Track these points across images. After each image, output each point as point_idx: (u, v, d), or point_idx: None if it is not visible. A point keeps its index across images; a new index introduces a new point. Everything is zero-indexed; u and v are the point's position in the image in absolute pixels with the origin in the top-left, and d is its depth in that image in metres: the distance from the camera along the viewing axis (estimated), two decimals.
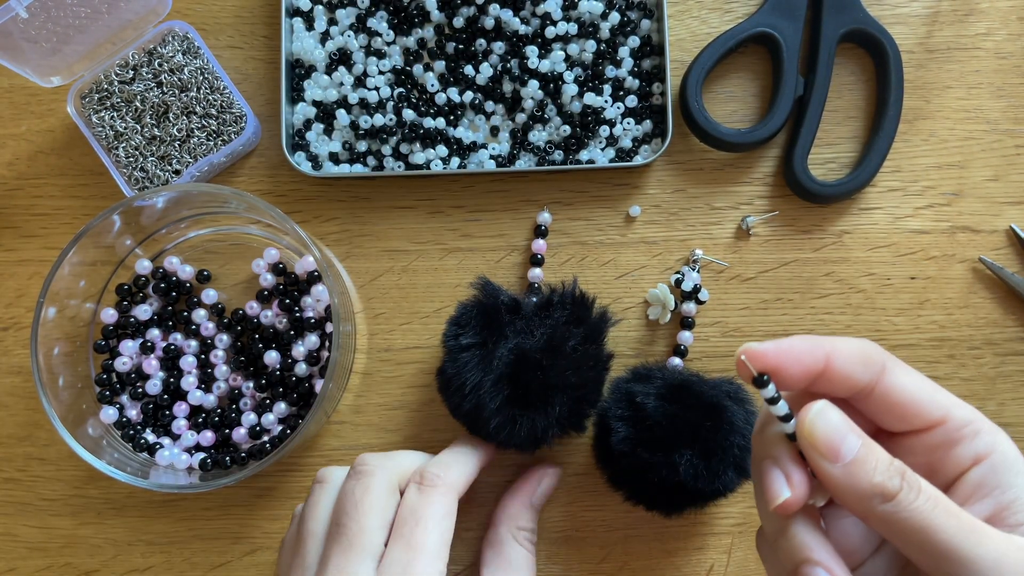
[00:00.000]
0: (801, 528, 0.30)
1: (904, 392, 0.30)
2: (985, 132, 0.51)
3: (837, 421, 0.28)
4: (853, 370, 0.30)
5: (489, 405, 0.41)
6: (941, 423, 0.30)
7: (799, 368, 0.29)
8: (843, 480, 0.28)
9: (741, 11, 0.52)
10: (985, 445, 0.29)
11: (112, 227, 0.47)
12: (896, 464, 0.28)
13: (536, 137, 0.50)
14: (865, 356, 0.30)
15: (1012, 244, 0.50)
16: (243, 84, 0.52)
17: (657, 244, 0.51)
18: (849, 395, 0.31)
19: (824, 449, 0.28)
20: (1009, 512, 0.29)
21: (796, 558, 0.29)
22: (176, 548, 0.49)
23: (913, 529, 0.27)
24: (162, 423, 0.49)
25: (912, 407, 0.30)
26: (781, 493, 0.29)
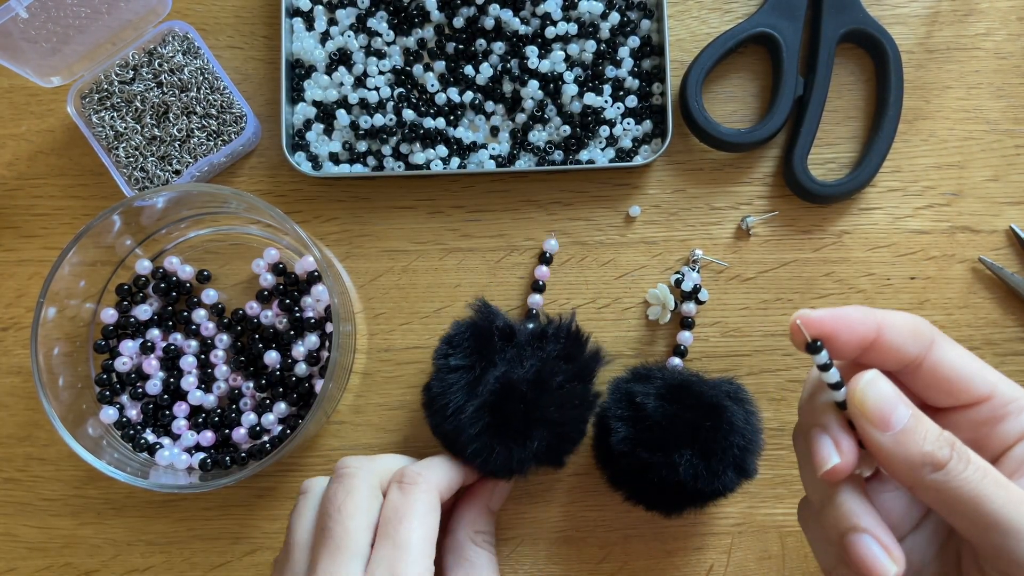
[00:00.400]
0: (848, 496, 0.30)
1: (952, 367, 0.30)
2: (985, 132, 0.51)
3: (887, 390, 0.29)
4: (904, 342, 0.30)
5: (468, 430, 0.41)
6: (987, 399, 0.30)
7: (852, 336, 0.30)
8: (893, 449, 0.28)
9: (741, 11, 0.52)
10: None
11: (112, 227, 0.47)
12: (946, 435, 0.28)
13: (536, 137, 0.50)
14: (915, 329, 0.30)
15: (1012, 244, 0.50)
16: (243, 84, 0.52)
17: (657, 244, 0.51)
18: (898, 368, 0.31)
19: (875, 417, 0.29)
20: None
21: (843, 526, 0.30)
22: (176, 548, 0.49)
23: (962, 499, 0.28)
24: (162, 423, 0.49)
25: (959, 382, 0.30)
26: (830, 459, 0.29)
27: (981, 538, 0.28)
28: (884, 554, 0.29)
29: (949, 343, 0.31)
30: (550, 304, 0.50)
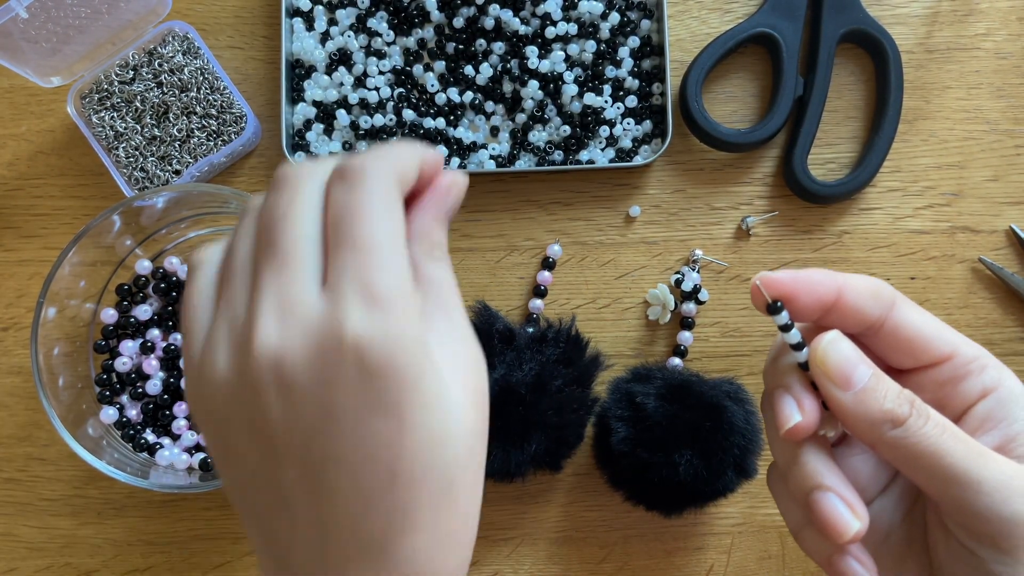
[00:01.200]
0: (812, 456, 0.30)
1: (913, 328, 0.30)
2: (985, 132, 0.51)
3: (848, 350, 0.29)
4: (864, 304, 0.30)
5: None
6: (949, 358, 0.30)
7: (812, 298, 0.30)
8: (854, 407, 0.29)
9: (741, 11, 0.52)
10: (991, 379, 0.30)
11: (112, 227, 0.47)
12: (905, 393, 0.29)
13: (536, 137, 0.50)
14: (876, 292, 0.30)
15: (1012, 244, 0.50)
16: (243, 84, 0.52)
17: (657, 244, 0.51)
18: (859, 330, 0.31)
19: (836, 376, 0.29)
20: (1016, 443, 0.29)
21: (807, 485, 0.30)
22: (176, 548, 0.49)
23: (922, 454, 0.28)
24: (162, 423, 0.49)
25: (921, 342, 0.31)
26: (792, 417, 0.30)
27: (941, 492, 0.29)
28: (848, 511, 0.29)
29: (910, 305, 0.31)
30: (550, 304, 0.50)
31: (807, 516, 0.31)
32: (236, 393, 0.25)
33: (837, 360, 0.29)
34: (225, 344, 0.26)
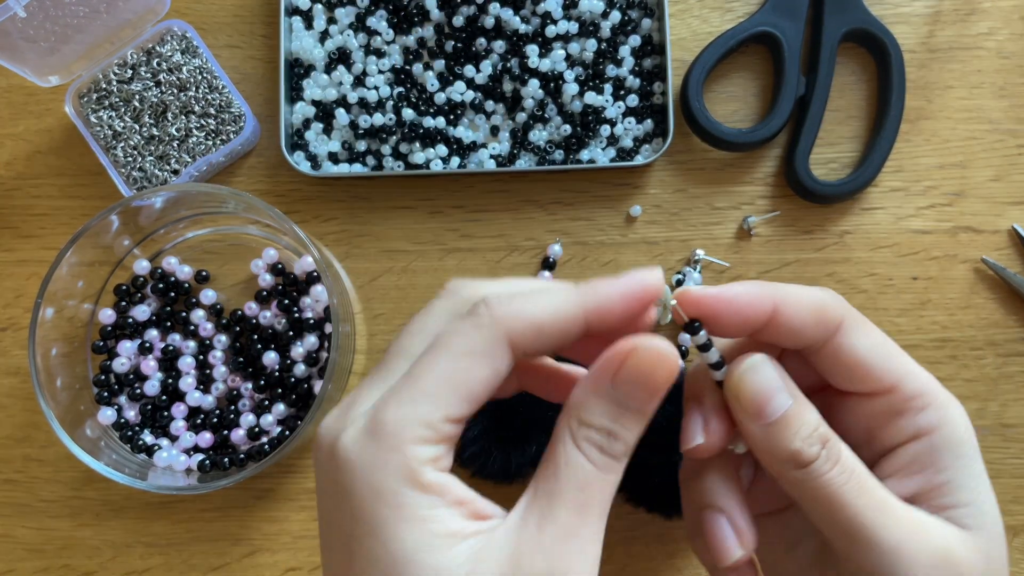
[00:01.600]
0: (714, 473, 0.30)
1: (854, 354, 0.29)
2: (987, 132, 0.51)
3: (767, 379, 0.28)
4: (802, 326, 0.28)
5: (466, 433, 0.41)
6: (889, 391, 0.29)
7: (736, 319, 0.28)
8: (761, 440, 0.28)
9: (742, 10, 0.52)
10: (929, 422, 0.28)
11: (110, 227, 0.46)
12: (820, 431, 0.28)
13: (536, 137, 0.50)
14: (819, 312, 0.28)
15: (1014, 244, 0.50)
16: (242, 83, 0.52)
17: (658, 244, 0.50)
18: (797, 348, 0.29)
19: (748, 407, 0.28)
20: (937, 493, 0.28)
21: (702, 501, 0.30)
22: (175, 550, 0.49)
23: (820, 499, 0.27)
24: (160, 424, 0.48)
25: (861, 370, 0.29)
26: (695, 438, 0.29)
27: (836, 540, 0.28)
28: (733, 538, 0.29)
29: (860, 327, 0.29)
30: None
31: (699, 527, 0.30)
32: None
33: (751, 389, 0.28)
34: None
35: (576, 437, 0.26)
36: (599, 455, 0.26)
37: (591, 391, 0.26)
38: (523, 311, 0.26)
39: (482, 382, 0.25)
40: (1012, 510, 0.48)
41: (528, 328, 0.25)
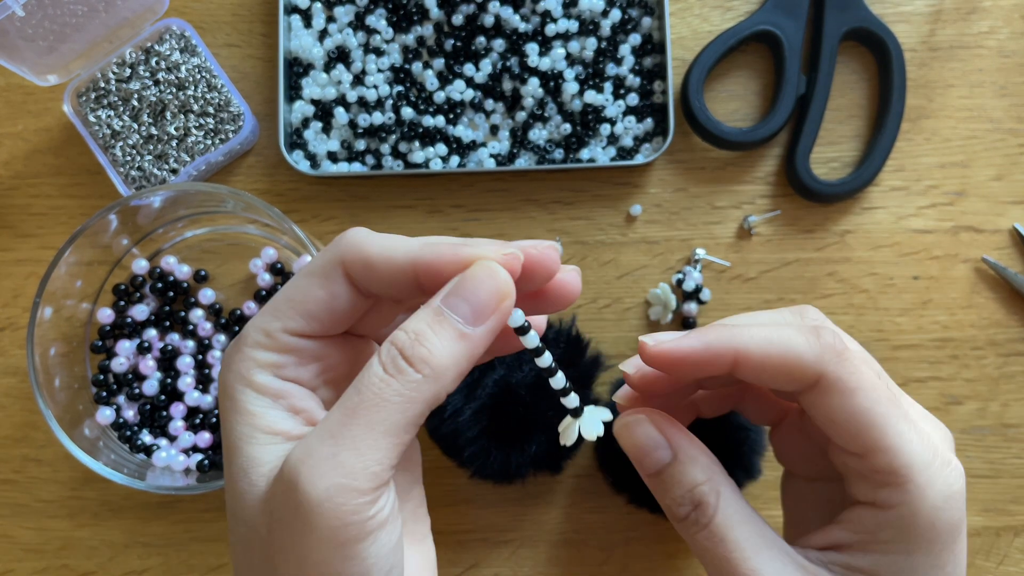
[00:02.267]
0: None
1: (827, 416, 0.27)
2: (988, 131, 0.50)
3: (644, 437, 0.29)
4: (766, 379, 0.27)
5: (466, 433, 0.41)
6: (858, 456, 0.27)
7: (694, 373, 0.28)
8: (648, 484, 0.30)
9: (743, 9, 0.52)
10: (886, 499, 0.27)
11: (109, 227, 0.46)
12: (695, 492, 0.28)
13: (536, 136, 0.50)
14: (788, 367, 0.27)
15: (1015, 244, 0.50)
16: (241, 82, 0.52)
17: (658, 243, 0.50)
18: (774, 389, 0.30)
19: (631, 455, 0.29)
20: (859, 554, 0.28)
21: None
22: (173, 550, 0.49)
23: (693, 549, 0.29)
24: (159, 424, 0.48)
25: (830, 429, 0.27)
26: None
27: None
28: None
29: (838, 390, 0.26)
30: None
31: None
32: None
33: (628, 444, 0.29)
34: None
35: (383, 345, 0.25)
36: (394, 356, 0.25)
37: (423, 306, 0.26)
38: (361, 245, 0.26)
39: (317, 301, 0.26)
40: (1012, 510, 0.48)
41: (360, 261, 0.26)
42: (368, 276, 0.26)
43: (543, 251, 0.27)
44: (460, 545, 0.48)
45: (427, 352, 0.24)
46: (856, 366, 0.27)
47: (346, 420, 0.24)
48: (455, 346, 0.25)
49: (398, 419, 0.24)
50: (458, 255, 0.26)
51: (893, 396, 0.27)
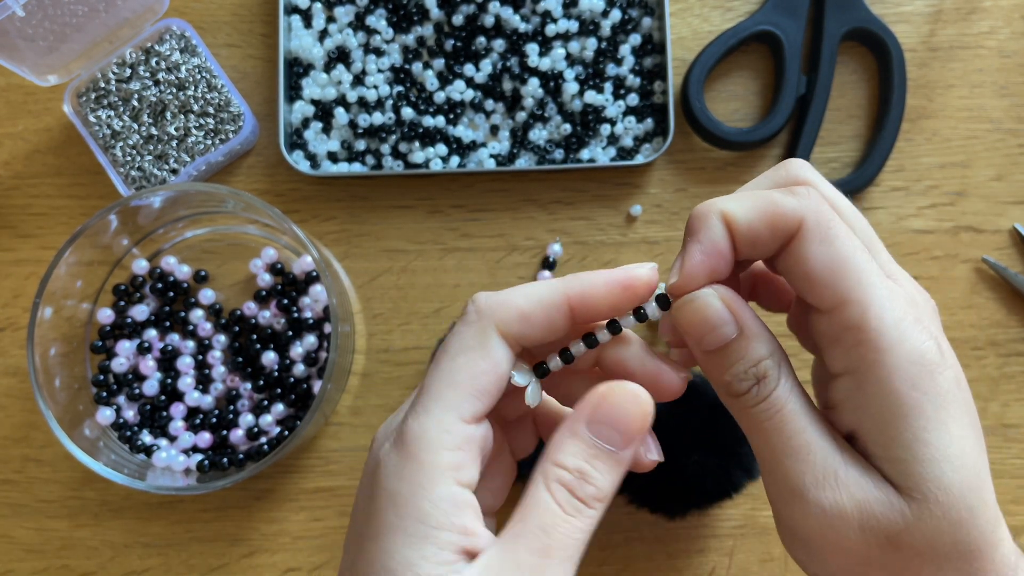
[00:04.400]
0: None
1: (802, 266, 0.27)
2: (988, 131, 0.50)
3: (708, 312, 0.28)
4: (757, 239, 0.27)
5: None
6: (830, 313, 0.27)
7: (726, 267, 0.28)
8: (703, 363, 0.29)
9: (743, 9, 0.52)
10: (859, 361, 0.26)
11: (109, 227, 0.46)
12: (760, 367, 0.27)
13: (536, 136, 0.50)
14: (772, 220, 0.27)
15: (1015, 244, 0.50)
16: (241, 82, 0.52)
17: (659, 244, 0.50)
18: (758, 258, 0.29)
19: (690, 334, 0.28)
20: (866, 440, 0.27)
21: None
22: (173, 550, 0.49)
23: (746, 428, 0.28)
24: (159, 424, 0.48)
25: (806, 283, 0.27)
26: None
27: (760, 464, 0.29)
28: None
29: (816, 235, 0.26)
30: None
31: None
32: None
33: (693, 320, 0.28)
34: None
35: (547, 478, 0.27)
36: (567, 497, 0.27)
37: (566, 433, 0.27)
38: (507, 301, 0.27)
39: (484, 374, 0.26)
40: (1012, 510, 0.48)
41: (513, 316, 0.27)
42: (526, 327, 0.27)
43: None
44: None
45: (596, 490, 0.27)
46: (833, 216, 0.27)
47: (543, 563, 0.26)
48: (615, 474, 0.27)
49: (578, 549, 0.27)
50: (611, 280, 0.28)
51: (869, 251, 0.27)
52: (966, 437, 0.27)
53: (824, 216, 0.27)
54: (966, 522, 0.26)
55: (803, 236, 0.27)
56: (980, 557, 0.27)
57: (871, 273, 0.27)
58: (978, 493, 0.26)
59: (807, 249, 0.27)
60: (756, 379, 0.27)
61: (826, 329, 0.27)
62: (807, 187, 0.28)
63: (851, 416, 0.27)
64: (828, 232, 0.27)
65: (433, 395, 0.26)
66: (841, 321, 0.26)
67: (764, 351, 0.28)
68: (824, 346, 0.28)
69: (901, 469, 0.27)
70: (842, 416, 0.28)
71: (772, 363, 0.28)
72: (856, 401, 0.27)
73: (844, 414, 0.28)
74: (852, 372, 0.27)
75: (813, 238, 0.26)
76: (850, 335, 0.26)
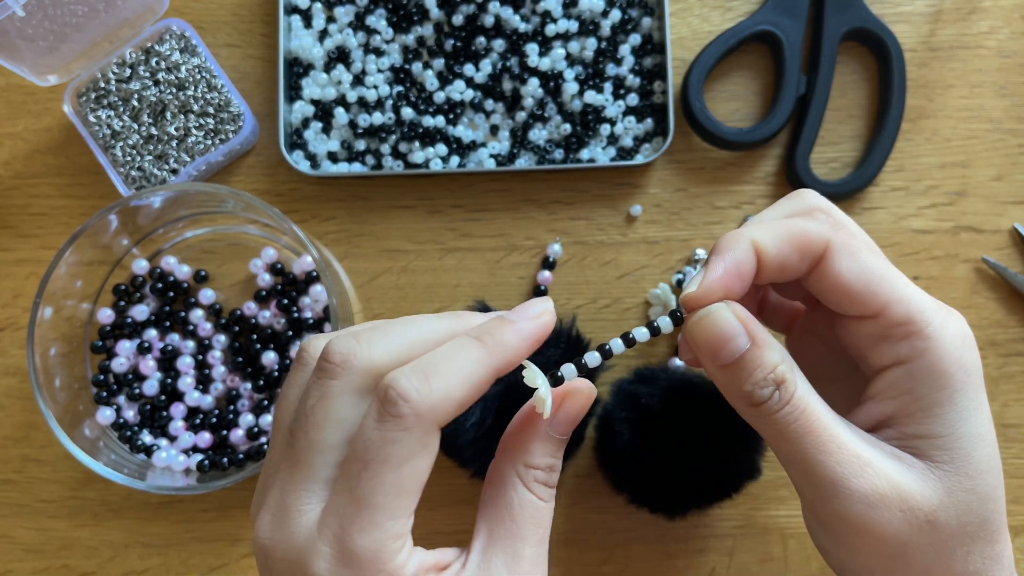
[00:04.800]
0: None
1: (837, 281, 0.29)
2: (988, 131, 0.50)
3: (724, 324, 0.29)
4: (786, 265, 0.30)
5: (467, 433, 0.41)
6: (875, 316, 0.29)
7: (742, 288, 0.30)
8: (718, 379, 0.30)
9: (743, 9, 0.52)
10: (912, 350, 0.29)
11: (109, 227, 0.46)
12: (776, 373, 0.29)
13: (536, 136, 0.50)
14: (800, 245, 0.29)
15: (1015, 244, 0.50)
16: (241, 82, 0.52)
17: (658, 244, 0.50)
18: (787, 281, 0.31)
19: (703, 350, 0.29)
20: (910, 420, 0.29)
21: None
22: (173, 550, 0.49)
23: (772, 435, 0.29)
24: (159, 424, 0.48)
25: (845, 297, 0.30)
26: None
27: (789, 473, 0.30)
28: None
29: (844, 252, 0.29)
30: None
31: None
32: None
33: (706, 335, 0.29)
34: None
35: (525, 480, 0.29)
36: (545, 490, 0.30)
37: (533, 437, 0.30)
38: (444, 396, 0.26)
39: (425, 471, 0.27)
40: (1012, 510, 0.48)
41: (452, 409, 0.27)
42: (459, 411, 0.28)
43: None
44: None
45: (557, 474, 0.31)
46: (852, 235, 0.30)
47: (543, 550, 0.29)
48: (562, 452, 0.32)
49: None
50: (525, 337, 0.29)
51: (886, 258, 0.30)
52: (991, 419, 0.30)
53: (845, 235, 0.30)
54: (991, 498, 0.29)
55: (832, 255, 0.29)
56: (999, 539, 0.29)
57: (897, 275, 0.30)
58: (998, 473, 0.29)
59: (839, 265, 0.29)
60: (775, 384, 0.29)
61: (870, 331, 0.30)
62: (824, 214, 0.31)
63: (892, 404, 0.30)
64: (852, 247, 0.29)
65: (379, 507, 0.26)
66: (888, 320, 0.29)
67: (777, 357, 0.29)
68: (867, 346, 0.30)
69: (940, 444, 0.29)
70: (879, 405, 0.30)
71: (787, 367, 0.29)
72: (903, 387, 0.29)
73: (882, 403, 0.30)
74: (903, 362, 0.29)
75: (842, 255, 0.29)
76: (900, 330, 0.29)
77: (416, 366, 0.27)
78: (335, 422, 0.27)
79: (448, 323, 0.29)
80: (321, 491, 0.27)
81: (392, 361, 0.28)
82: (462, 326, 0.29)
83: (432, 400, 0.26)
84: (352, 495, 0.26)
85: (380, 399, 0.26)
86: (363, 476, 0.26)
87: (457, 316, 0.30)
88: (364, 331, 0.28)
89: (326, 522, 0.26)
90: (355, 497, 0.26)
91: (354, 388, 0.27)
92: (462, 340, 0.28)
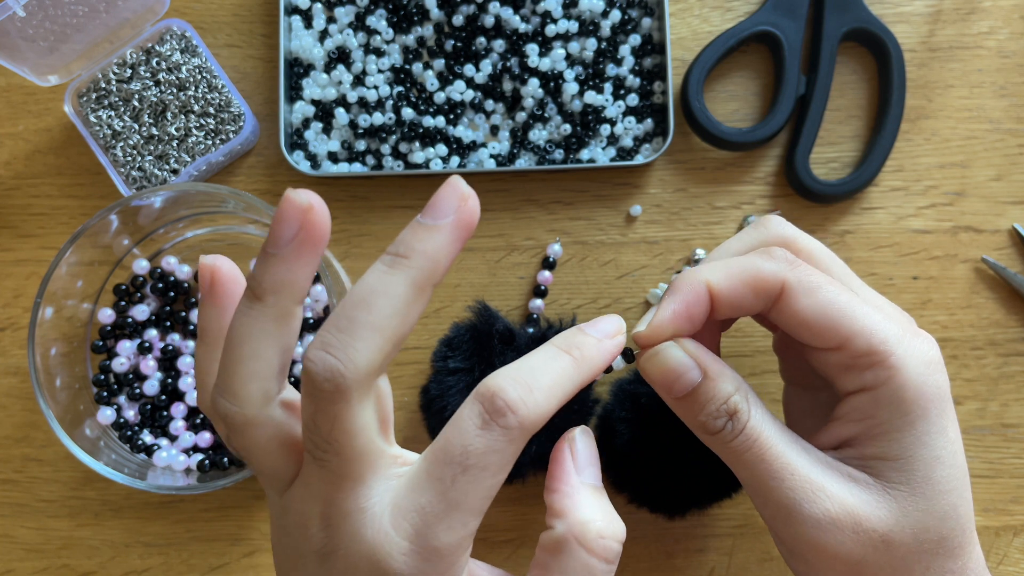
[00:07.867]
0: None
1: (797, 319, 0.30)
2: (988, 131, 0.51)
3: (671, 362, 0.30)
4: (741, 304, 0.31)
5: None
6: (839, 349, 0.30)
7: (692, 328, 0.31)
8: (677, 410, 0.31)
9: (742, 9, 0.52)
10: (874, 379, 0.30)
11: (109, 227, 0.46)
12: (729, 404, 0.30)
13: (536, 136, 0.50)
14: (754, 286, 0.30)
15: (1015, 244, 0.50)
16: (241, 83, 0.52)
17: (658, 244, 0.50)
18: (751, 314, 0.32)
19: (657, 384, 0.31)
20: (869, 442, 0.30)
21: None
22: (174, 550, 0.49)
23: (729, 461, 0.31)
24: (160, 424, 0.48)
25: (806, 332, 0.31)
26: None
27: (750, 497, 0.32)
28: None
29: (801, 291, 0.30)
30: (550, 305, 0.50)
31: None
32: None
33: (658, 370, 0.31)
34: None
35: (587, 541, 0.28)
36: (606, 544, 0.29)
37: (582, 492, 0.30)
38: (545, 409, 0.27)
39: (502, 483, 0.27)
40: (1012, 510, 0.48)
41: (544, 421, 0.27)
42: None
43: None
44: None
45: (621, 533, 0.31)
46: (810, 269, 0.31)
47: None
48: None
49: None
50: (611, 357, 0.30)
51: (849, 288, 0.31)
52: (957, 441, 0.30)
53: (803, 273, 0.30)
54: (950, 517, 0.30)
55: (788, 294, 0.30)
56: (962, 554, 0.30)
57: (858, 306, 0.30)
58: (960, 492, 0.30)
59: (797, 303, 0.30)
60: (728, 415, 0.30)
61: (836, 360, 0.31)
62: (782, 249, 0.31)
63: (857, 425, 0.31)
64: (809, 286, 0.30)
65: (471, 510, 0.26)
66: (851, 352, 0.30)
67: (730, 388, 0.30)
68: (834, 374, 0.31)
69: (896, 466, 0.30)
70: (844, 427, 0.31)
71: (740, 397, 0.30)
72: (866, 411, 0.30)
73: (846, 425, 0.31)
74: (868, 388, 0.30)
75: (799, 294, 0.30)
76: (863, 360, 0.30)
77: (518, 376, 0.27)
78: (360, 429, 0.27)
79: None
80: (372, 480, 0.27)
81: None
82: None
83: (536, 413, 0.27)
84: (444, 496, 0.26)
85: (487, 408, 0.26)
86: (460, 480, 0.26)
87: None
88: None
89: (406, 517, 0.26)
90: (447, 498, 0.26)
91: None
92: (553, 352, 0.29)
